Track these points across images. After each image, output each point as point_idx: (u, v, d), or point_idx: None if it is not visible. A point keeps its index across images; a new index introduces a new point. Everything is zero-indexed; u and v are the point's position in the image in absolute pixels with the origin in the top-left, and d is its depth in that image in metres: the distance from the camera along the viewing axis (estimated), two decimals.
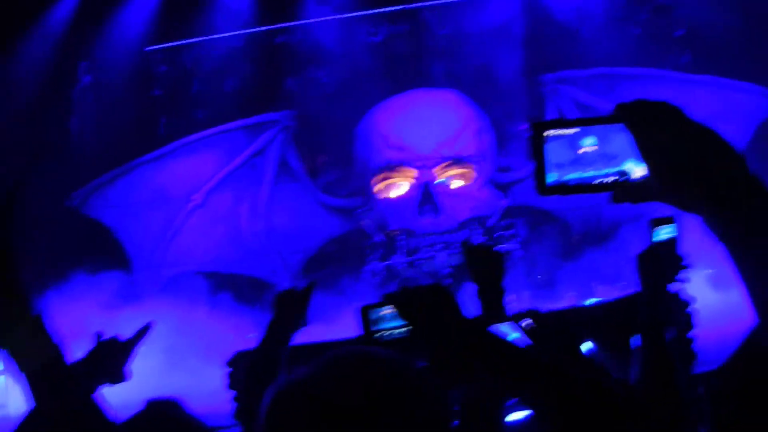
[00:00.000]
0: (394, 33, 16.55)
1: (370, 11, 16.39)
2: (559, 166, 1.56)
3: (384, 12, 16.48)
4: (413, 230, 14.96)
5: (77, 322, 11.02)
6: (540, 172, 1.57)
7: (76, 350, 3.05)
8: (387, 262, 14.97)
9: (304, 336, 3.77)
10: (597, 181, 1.56)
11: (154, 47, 16.60)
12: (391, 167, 15.21)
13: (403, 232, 15.13)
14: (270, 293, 14.95)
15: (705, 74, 15.15)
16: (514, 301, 11.79)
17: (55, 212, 15.26)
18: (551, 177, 1.56)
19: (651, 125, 1.46)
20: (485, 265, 3.49)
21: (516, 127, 15.36)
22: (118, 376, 3.20)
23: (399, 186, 15.36)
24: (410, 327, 2.23)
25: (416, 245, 14.87)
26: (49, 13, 15.89)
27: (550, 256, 14.84)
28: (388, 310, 2.49)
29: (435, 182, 15.03)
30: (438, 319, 2.17)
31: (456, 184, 15.24)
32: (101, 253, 15.10)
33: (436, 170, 15.04)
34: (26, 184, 14.30)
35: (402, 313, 2.23)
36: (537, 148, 1.57)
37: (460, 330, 2.15)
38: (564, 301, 13.27)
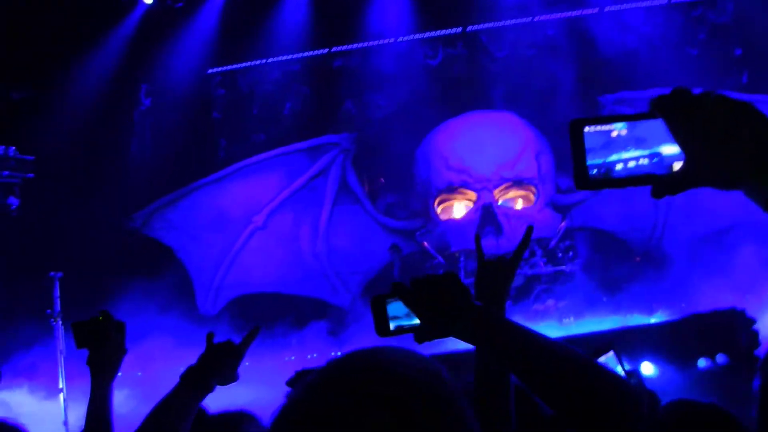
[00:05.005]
0: (452, 56, 17.40)
1: (428, 34, 17.21)
2: (593, 151, 1.62)
3: (441, 35, 17.29)
4: (474, 251, 15.39)
5: (141, 340, 11.91)
6: (581, 165, 1.62)
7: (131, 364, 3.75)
8: None
9: None
10: (636, 174, 1.61)
11: (215, 70, 17.56)
12: (451, 189, 16.04)
13: (463, 253, 15.73)
14: (331, 314, 15.69)
15: (764, 93, 15.43)
16: (572, 323, 12.45)
17: (118, 233, 16.05)
18: (591, 168, 1.62)
19: (685, 111, 1.51)
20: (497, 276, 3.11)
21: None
22: (229, 377, 3.40)
23: (460, 207, 16.19)
24: (420, 318, 2.28)
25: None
26: (111, 35, 16.81)
27: (611, 277, 15.43)
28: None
29: (495, 204, 15.78)
30: (446, 309, 2.21)
31: (516, 205, 15.94)
32: (163, 273, 15.70)
33: (496, 192, 15.86)
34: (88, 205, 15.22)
35: (409, 303, 2.28)
36: (577, 143, 1.62)
37: (472, 317, 2.18)
38: (626, 320, 13.77)
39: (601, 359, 3.51)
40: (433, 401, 1.49)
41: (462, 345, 2.32)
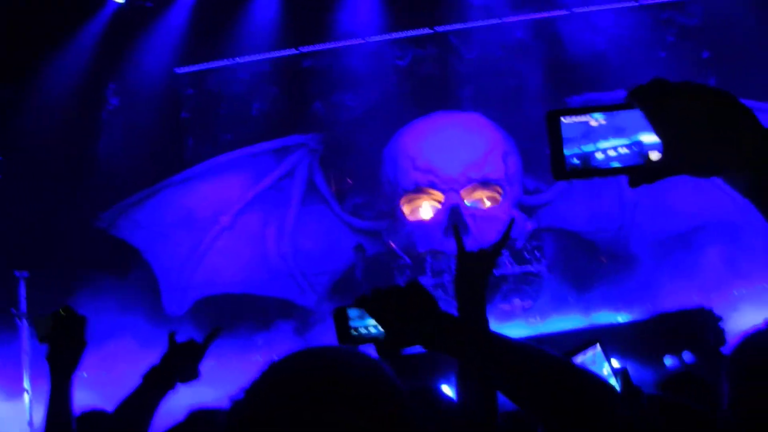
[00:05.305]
0: (421, 57, 17.46)
1: (397, 35, 17.23)
2: (570, 141, 1.62)
3: (411, 36, 17.33)
4: (441, 252, 15.49)
5: (106, 341, 11.91)
6: (558, 155, 1.62)
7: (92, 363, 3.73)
8: None
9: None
10: (614, 163, 1.62)
11: (183, 70, 17.47)
12: (418, 189, 16.04)
13: (430, 253, 15.72)
14: (297, 315, 15.70)
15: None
16: (537, 323, 12.57)
17: (84, 233, 15.97)
18: (568, 156, 1.63)
19: (663, 100, 1.53)
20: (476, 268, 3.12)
21: (542, 150, 15.79)
22: (191, 375, 3.50)
23: (426, 208, 16.18)
24: (386, 330, 2.24)
25: (443, 267, 15.41)
26: (78, 34, 16.75)
27: (578, 277, 15.43)
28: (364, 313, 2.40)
29: (462, 205, 15.78)
30: (412, 318, 2.16)
31: (483, 206, 15.93)
32: (129, 274, 15.73)
33: (463, 193, 15.86)
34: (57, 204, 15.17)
35: (374, 314, 2.25)
36: (554, 132, 1.63)
37: (442, 327, 2.14)
38: (593, 320, 13.86)
39: (588, 354, 3.54)
40: (382, 399, 1.50)
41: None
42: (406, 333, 2.16)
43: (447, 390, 3.19)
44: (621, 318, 13.92)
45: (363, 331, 2.49)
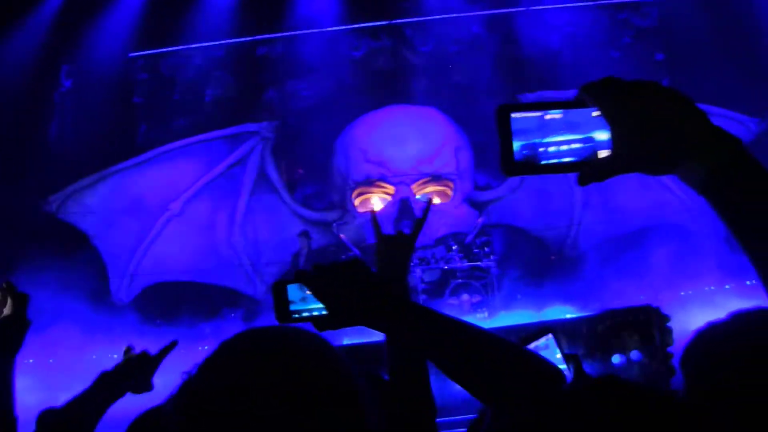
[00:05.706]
0: (376, 48, 17.42)
1: (353, 26, 17.18)
2: (520, 137, 1.59)
3: (366, 27, 17.27)
4: None
5: (52, 326, 11.78)
6: (507, 150, 1.59)
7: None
8: None
9: None
10: (562, 160, 1.60)
11: (137, 54, 17.34)
12: (369, 182, 16.09)
13: None
14: (244, 304, 15.63)
15: None
16: (486, 318, 12.55)
17: (32, 215, 15.79)
18: (517, 150, 1.60)
19: (617, 96, 1.53)
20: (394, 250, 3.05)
21: (495, 146, 15.71)
22: (143, 386, 3.49)
23: (377, 201, 16.20)
24: (326, 306, 2.20)
25: None
26: (33, 14, 16.57)
27: (526, 273, 15.48)
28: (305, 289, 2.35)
29: (413, 198, 15.81)
30: (354, 295, 2.14)
31: (434, 201, 15.87)
32: (79, 259, 15.48)
33: (414, 186, 15.93)
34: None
35: (314, 291, 2.21)
36: (503, 127, 1.59)
37: (382, 305, 2.12)
38: (541, 316, 13.91)
39: (541, 341, 3.52)
40: (332, 376, 1.58)
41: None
42: (349, 311, 2.14)
43: None
44: (569, 315, 13.98)
45: (306, 314, 2.41)
